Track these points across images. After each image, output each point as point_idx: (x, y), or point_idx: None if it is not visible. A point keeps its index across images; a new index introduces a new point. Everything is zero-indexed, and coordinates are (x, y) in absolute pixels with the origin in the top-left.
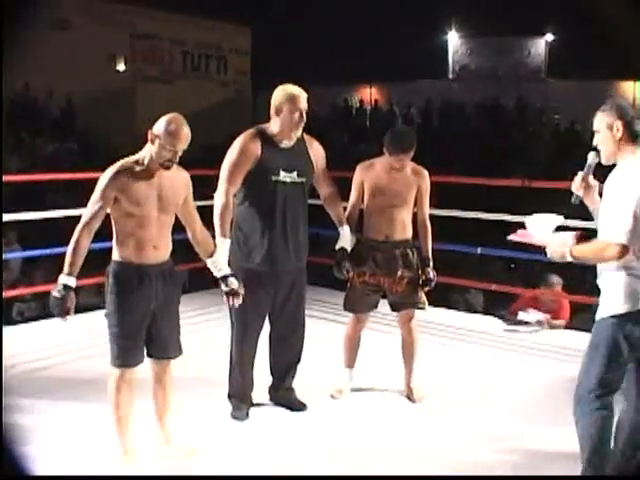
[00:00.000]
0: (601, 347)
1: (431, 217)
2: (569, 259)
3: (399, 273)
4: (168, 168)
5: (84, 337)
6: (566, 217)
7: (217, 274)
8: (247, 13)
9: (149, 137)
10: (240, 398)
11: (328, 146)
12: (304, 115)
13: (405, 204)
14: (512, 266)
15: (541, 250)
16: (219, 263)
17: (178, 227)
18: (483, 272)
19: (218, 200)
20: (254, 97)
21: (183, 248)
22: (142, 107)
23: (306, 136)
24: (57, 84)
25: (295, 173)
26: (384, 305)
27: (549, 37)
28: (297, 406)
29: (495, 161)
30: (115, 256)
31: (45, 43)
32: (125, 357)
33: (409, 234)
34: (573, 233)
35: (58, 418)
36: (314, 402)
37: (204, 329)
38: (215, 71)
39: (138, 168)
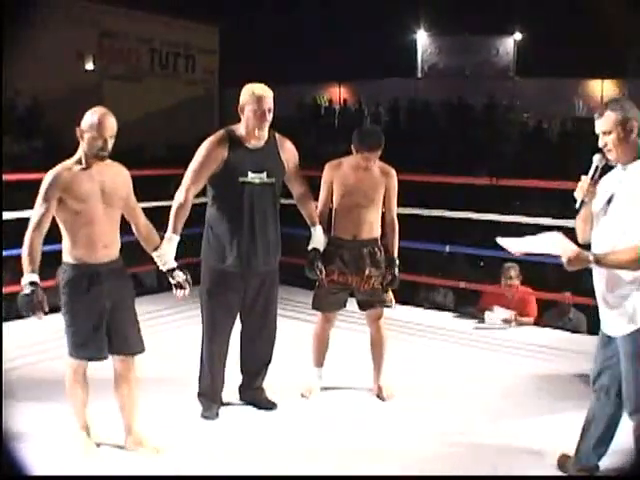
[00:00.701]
0: None
1: (399, 216)
2: (593, 265)
3: (367, 272)
4: (103, 158)
5: (52, 337)
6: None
7: (162, 268)
8: (215, 12)
9: (78, 135)
10: (210, 397)
11: (296, 145)
12: (268, 115)
13: (373, 203)
14: (481, 264)
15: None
16: (164, 257)
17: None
18: (451, 270)
19: (177, 197)
20: (221, 96)
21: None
22: (109, 106)
23: (278, 136)
24: (23, 82)
25: (264, 174)
26: (352, 303)
27: (517, 36)
28: (266, 405)
29: (463, 159)
30: (65, 257)
31: (12, 41)
32: (76, 351)
33: (377, 233)
34: (559, 234)
35: (27, 418)
36: (284, 401)
37: (182, 326)
38: (183, 70)
39: (77, 167)
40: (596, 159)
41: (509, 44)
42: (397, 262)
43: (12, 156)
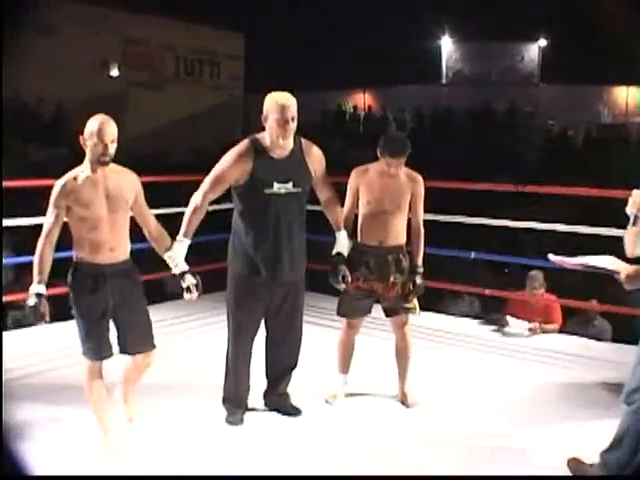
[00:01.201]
0: None
1: (424, 222)
2: None
3: (392, 279)
4: (105, 163)
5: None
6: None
7: (174, 270)
8: (240, 19)
9: (82, 143)
10: (234, 403)
11: (322, 151)
12: (292, 123)
13: (399, 210)
14: (506, 270)
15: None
16: (175, 258)
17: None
18: (475, 277)
19: (192, 200)
20: (246, 102)
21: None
22: (133, 112)
23: (304, 141)
24: (48, 90)
25: (290, 184)
26: (378, 310)
27: (542, 42)
28: (291, 411)
29: (487, 166)
30: (74, 258)
31: (36, 48)
32: (92, 351)
33: (402, 240)
34: (612, 257)
35: (52, 422)
36: (308, 407)
37: (207, 332)
38: (208, 76)
39: (82, 175)
40: None
41: (534, 50)
42: (421, 269)
43: (36, 163)
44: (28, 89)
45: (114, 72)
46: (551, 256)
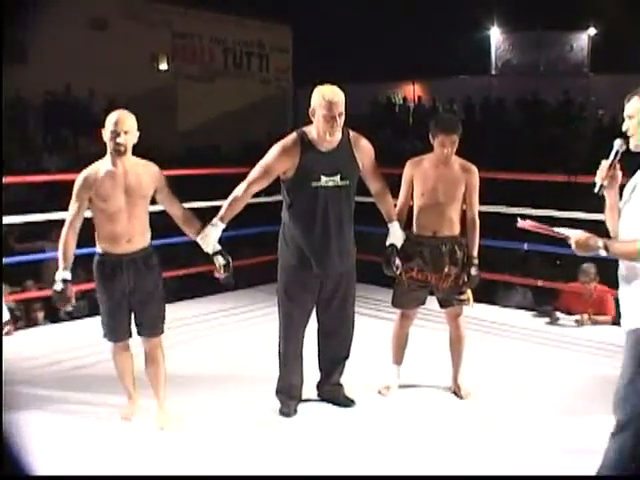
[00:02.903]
0: None
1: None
2: (602, 252)
3: (446, 270)
4: (120, 153)
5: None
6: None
7: (206, 250)
8: (288, 11)
9: (103, 137)
10: (287, 394)
11: (371, 143)
12: (339, 119)
13: (453, 200)
14: (558, 262)
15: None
16: (206, 239)
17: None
18: (529, 269)
19: (237, 189)
20: (295, 94)
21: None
22: (183, 105)
23: (352, 134)
24: (98, 84)
25: (338, 176)
26: (431, 301)
27: (591, 31)
28: (344, 402)
29: (538, 157)
30: (96, 248)
31: (85, 43)
32: (108, 334)
33: (457, 230)
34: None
35: (98, 414)
36: (361, 398)
37: (258, 324)
38: (257, 69)
39: (103, 168)
40: (616, 144)
41: (583, 39)
42: (476, 260)
43: (89, 156)
44: (79, 84)
45: (164, 66)
46: (521, 224)
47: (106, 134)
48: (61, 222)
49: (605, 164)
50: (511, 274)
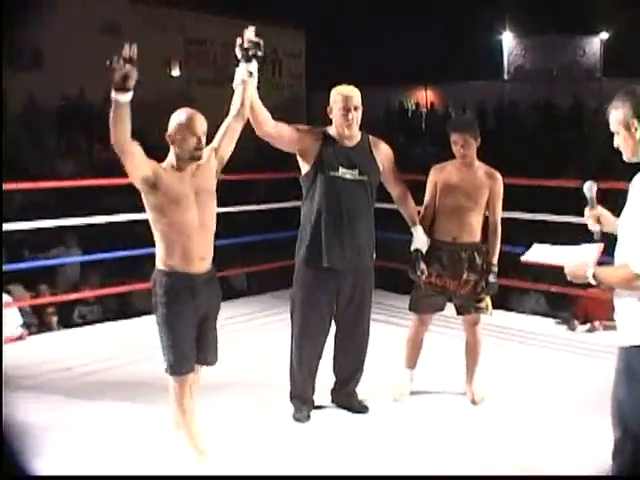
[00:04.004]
0: None
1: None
2: (592, 281)
3: (464, 276)
4: (198, 158)
5: (143, 340)
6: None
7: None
8: (302, 16)
9: (169, 141)
10: (301, 399)
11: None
12: (355, 114)
13: (476, 206)
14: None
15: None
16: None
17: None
18: (542, 274)
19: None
20: (308, 99)
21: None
22: (198, 110)
23: (372, 138)
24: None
25: (356, 170)
26: (448, 308)
27: (604, 35)
28: (359, 409)
29: (551, 162)
30: (159, 265)
31: (98, 48)
32: (179, 366)
33: (477, 237)
34: (597, 246)
35: (110, 420)
36: (375, 404)
37: (271, 330)
38: (270, 74)
39: (170, 170)
40: (586, 189)
41: (595, 44)
42: (496, 268)
43: (103, 161)
44: (93, 89)
45: (177, 71)
46: (524, 258)
47: (177, 136)
48: (73, 228)
49: (587, 212)
50: (525, 279)
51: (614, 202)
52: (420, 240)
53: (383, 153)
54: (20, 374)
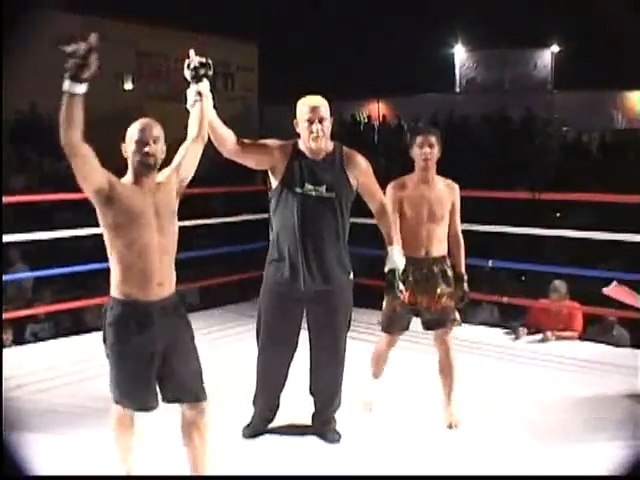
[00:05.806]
0: None
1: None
2: None
3: (438, 290)
4: (150, 167)
5: (95, 356)
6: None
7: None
8: (253, 30)
9: (124, 152)
10: (259, 418)
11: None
12: (321, 126)
13: (442, 219)
14: (523, 278)
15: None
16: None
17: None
18: (495, 285)
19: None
20: (261, 113)
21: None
22: None
23: (346, 150)
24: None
25: (323, 187)
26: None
27: (555, 48)
28: (331, 438)
29: (503, 173)
30: (113, 292)
31: (48, 61)
32: (131, 401)
33: (445, 250)
34: None
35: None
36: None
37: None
38: (222, 88)
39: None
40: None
41: (547, 57)
42: (466, 278)
43: (53, 176)
44: (43, 103)
45: (129, 85)
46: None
47: (129, 147)
48: (23, 243)
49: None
50: (478, 290)
51: (567, 213)
52: (397, 260)
53: (357, 167)
54: None
